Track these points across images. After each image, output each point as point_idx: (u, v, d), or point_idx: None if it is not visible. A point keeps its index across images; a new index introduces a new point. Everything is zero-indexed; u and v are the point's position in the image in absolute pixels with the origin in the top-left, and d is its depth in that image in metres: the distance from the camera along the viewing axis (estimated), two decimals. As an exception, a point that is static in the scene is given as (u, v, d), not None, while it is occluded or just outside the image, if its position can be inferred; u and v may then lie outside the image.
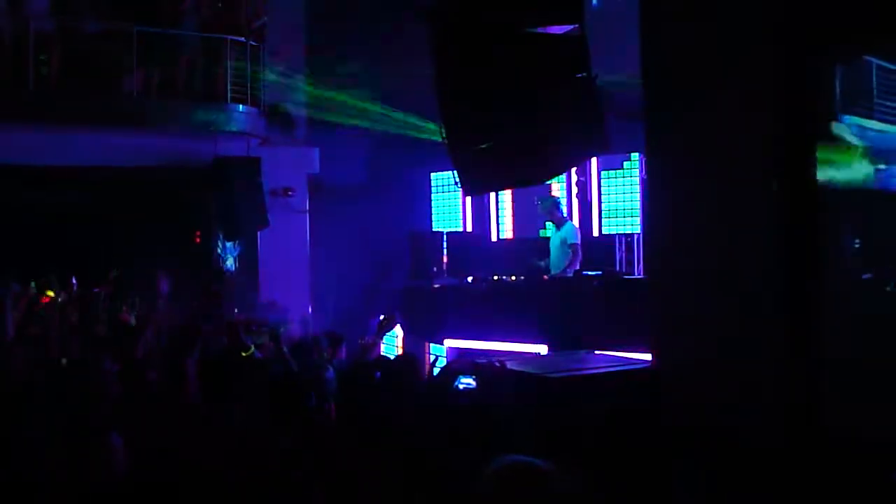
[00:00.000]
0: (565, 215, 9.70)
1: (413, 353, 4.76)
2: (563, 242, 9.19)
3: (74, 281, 8.12)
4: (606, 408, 3.61)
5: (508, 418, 3.59)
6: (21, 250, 10.33)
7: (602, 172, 9.88)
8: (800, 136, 4.11)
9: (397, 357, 5.10)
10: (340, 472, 3.58)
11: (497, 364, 4.47)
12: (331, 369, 5.71)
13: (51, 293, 7.76)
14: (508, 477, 2.38)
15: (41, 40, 10.95)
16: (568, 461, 2.83)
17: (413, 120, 11.94)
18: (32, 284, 8.35)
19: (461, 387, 4.69)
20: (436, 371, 4.77)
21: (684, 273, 4.43)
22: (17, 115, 10.71)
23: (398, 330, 9.58)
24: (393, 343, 9.79)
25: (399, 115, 12.72)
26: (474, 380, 4.67)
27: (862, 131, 4.39)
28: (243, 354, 5.70)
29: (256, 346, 5.99)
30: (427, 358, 8.71)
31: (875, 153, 4.35)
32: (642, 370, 5.06)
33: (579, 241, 9.19)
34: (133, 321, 7.32)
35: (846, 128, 4.35)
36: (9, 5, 10.98)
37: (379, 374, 4.78)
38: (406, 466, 3.48)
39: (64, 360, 5.46)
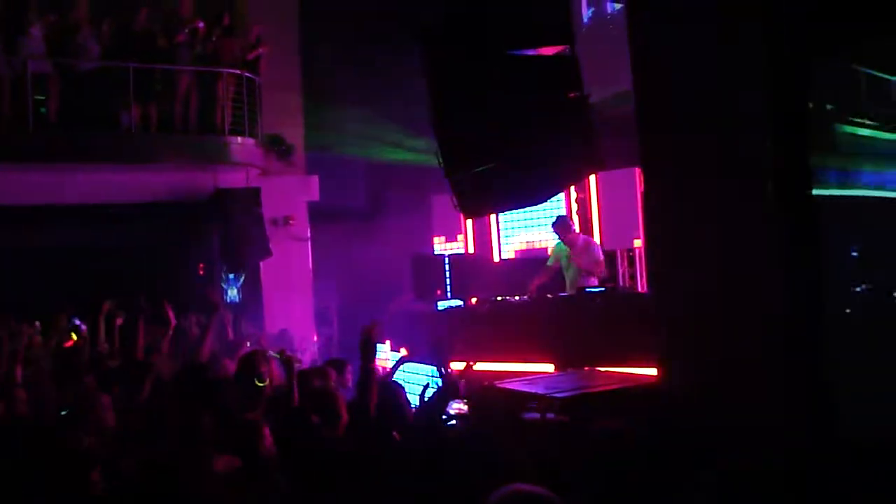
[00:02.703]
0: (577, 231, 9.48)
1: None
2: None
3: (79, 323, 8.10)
4: (611, 426, 3.60)
5: (503, 441, 3.56)
6: (23, 290, 10.35)
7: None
8: (794, 148, 4.13)
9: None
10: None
11: (488, 386, 4.45)
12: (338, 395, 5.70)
13: (75, 335, 7.72)
14: None
15: (39, 81, 11.03)
16: (571, 485, 2.82)
17: (413, 142, 11.97)
18: (38, 324, 8.34)
19: (452, 411, 4.66)
20: (428, 394, 4.74)
21: (686, 290, 4.43)
22: (18, 155, 10.78)
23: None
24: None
25: (398, 138, 12.77)
26: (465, 403, 4.63)
27: (854, 139, 4.42)
28: (258, 384, 5.67)
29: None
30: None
31: (866, 160, 4.38)
32: (646, 387, 5.06)
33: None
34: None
35: (839, 136, 4.38)
36: (6, 48, 11.06)
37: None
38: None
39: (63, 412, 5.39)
